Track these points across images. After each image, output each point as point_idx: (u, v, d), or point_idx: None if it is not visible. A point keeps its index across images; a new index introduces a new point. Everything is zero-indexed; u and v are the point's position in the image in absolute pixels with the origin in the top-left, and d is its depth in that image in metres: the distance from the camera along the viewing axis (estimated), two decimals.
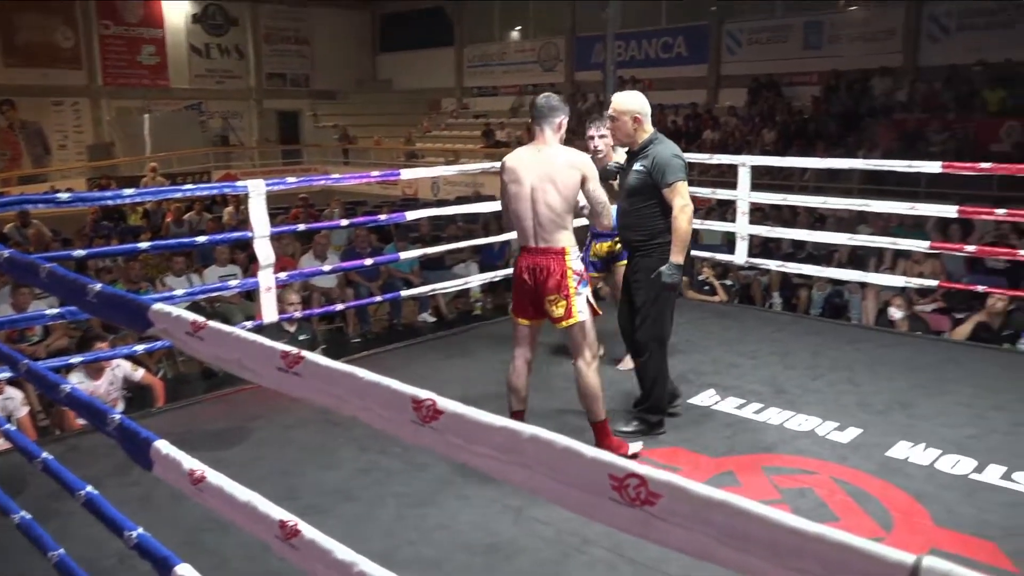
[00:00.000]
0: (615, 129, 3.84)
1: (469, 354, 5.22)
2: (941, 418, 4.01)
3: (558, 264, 3.40)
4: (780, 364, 4.90)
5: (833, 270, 6.69)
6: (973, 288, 6.15)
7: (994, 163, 5.84)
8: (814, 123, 15.04)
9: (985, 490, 3.27)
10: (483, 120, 22.24)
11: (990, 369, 4.79)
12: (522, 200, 3.41)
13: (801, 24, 17.27)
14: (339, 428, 3.85)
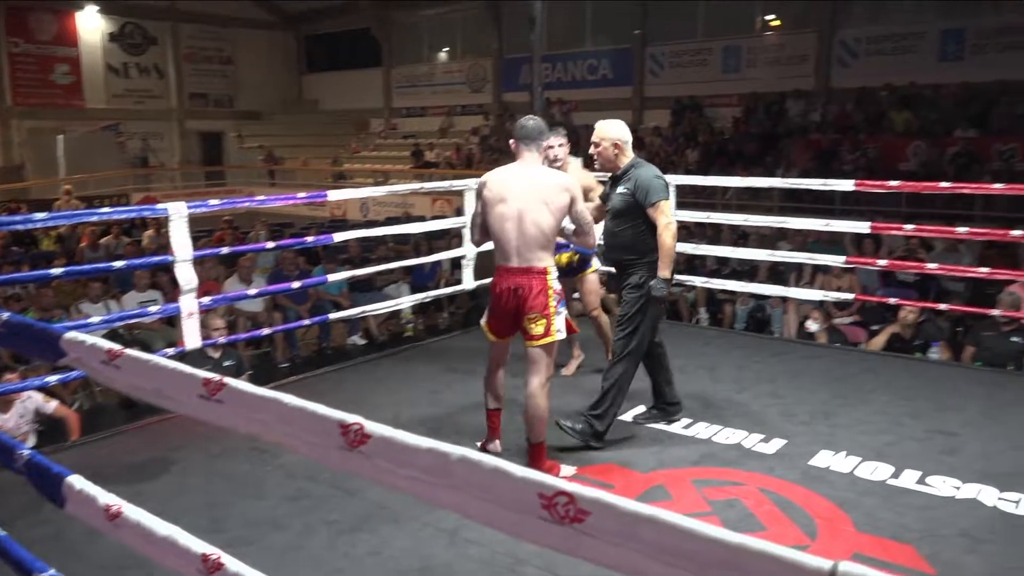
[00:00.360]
0: (597, 155, 3.98)
1: (401, 376, 5.16)
2: (860, 426, 4.16)
3: (540, 283, 3.46)
4: (708, 378, 5.01)
5: (755, 285, 6.89)
6: (886, 301, 6.43)
7: (902, 181, 6.14)
8: (735, 143, 15.52)
9: (902, 494, 3.40)
10: (412, 140, 22.21)
11: (904, 378, 5.00)
12: (508, 219, 3.44)
13: (720, 48, 17.87)
14: (267, 455, 3.75)
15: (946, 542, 3.00)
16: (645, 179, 3.83)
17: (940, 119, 13.71)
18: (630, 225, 3.88)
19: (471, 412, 4.44)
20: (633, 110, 19.20)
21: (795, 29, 16.96)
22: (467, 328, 6.75)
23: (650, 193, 3.79)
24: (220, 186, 22.69)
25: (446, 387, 4.89)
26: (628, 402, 4.48)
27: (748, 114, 16.42)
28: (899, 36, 15.54)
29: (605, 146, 3.93)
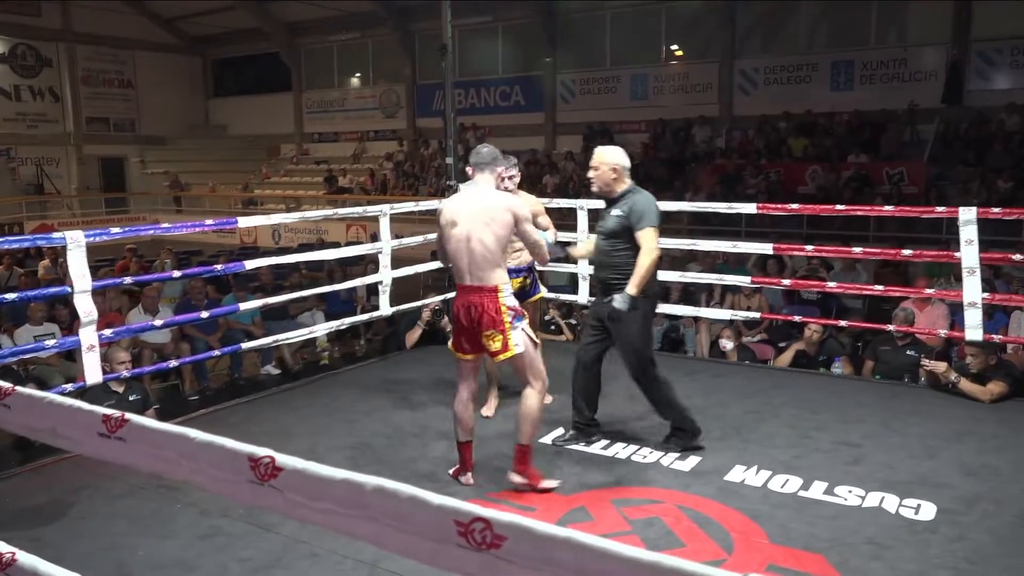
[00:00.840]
0: (596, 178, 4.12)
1: (317, 405, 5.05)
2: (771, 441, 4.30)
3: (491, 301, 3.60)
4: (626, 399, 5.07)
5: (668, 306, 7.06)
6: (791, 319, 6.68)
7: (801, 204, 6.43)
8: (644, 168, 15.95)
9: (812, 505, 3.52)
10: (325, 166, 21.94)
11: (809, 392, 5.21)
12: (458, 241, 3.64)
13: (628, 76, 18.41)
14: (176, 493, 3.59)
15: (853, 550, 3.11)
16: (641, 205, 3.99)
17: (835, 145, 14.47)
18: (622, 248, 4.03)
19: (391, 441, 4.38)
20: (546, 136, 19.53)
21: (698, 59, 17.66)
22: (385, 355, 6.67)
23: (643, 218, 3.96)
24: (122, 213, 21.84)
25: (364, 416, 4.81)
26: (546, 426, 4.50)
27: (656, 140, 16.93)
28: (794, 67, 16.39)
29: (604, 170, 4.08)
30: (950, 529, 3.27)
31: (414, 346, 6.46)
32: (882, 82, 15.31)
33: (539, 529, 0.85)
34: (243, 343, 5.95)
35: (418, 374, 5.73)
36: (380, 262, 6.11)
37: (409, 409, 4.93)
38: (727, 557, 3.06)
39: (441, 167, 17.70)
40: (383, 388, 5.42)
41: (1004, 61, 14.29)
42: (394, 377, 5.69)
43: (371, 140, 22.96)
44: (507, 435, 4.40)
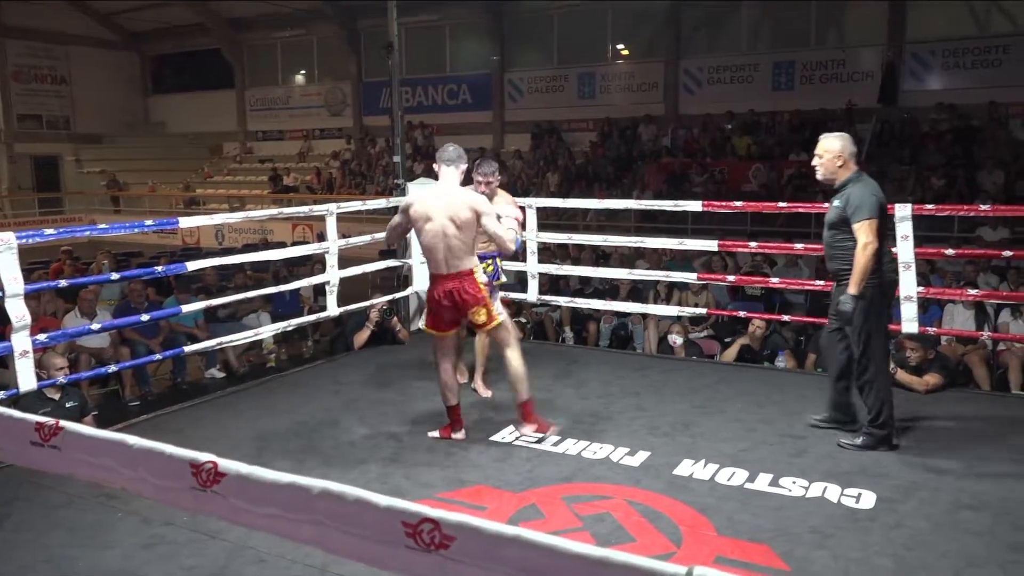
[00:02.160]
0: (820, 167, 4.11)
1: (263, 408, 4.97)
2: (718, 434, 4.38)
3: (470, 283, 4.10)
4: (575, 395, 5.12)
5: (617, 303, 7.14)
6: (736, 314, 6.82)
7: (745, 202, 6.55)
8: (592, 166, 16.08)
9: (758, 497, 3.59)
10: (269, 165, 21.60)
11: (755, 387, 5.31)
12: (434, 235, 4.06)
13: (575, 75, 18.53)
14: (116, 502, 3.49)
15: (798, 539, 3.19)
16: (860, 195, 3.95)
17: (777, 144, 14.78)
18: (843, 239, 4.02)
19: (339, 443, 4.34)
20: (494, 134, 19.53)
21: (644, 58, 17.87)
22: (333, 356, 6.60)
23: (859, 210, 3.92)
24: (57, 214, 21.17)
25: (311, 418, 4.75)
26: (487, 424, 4.51)
27: (604, 138, 17.07)
28: (737, 67, 16.70)
29: (828, 159, 4.07)
30: (889, 517, 3.38)
31: (362, 347, 6.40)
32: (821, 82, 15.71)
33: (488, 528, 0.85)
34: (186, 346, 5.82)
35: (367, 375, 5.68)
36: (327, 262, 6.04)
37: (358, 411, 4.88)
38: (676, 550, 3.10)
39: (389, 165, 17.56)
40: (331, 390, 5.36)
41: (936, 63, 14.79)
42: (342, 378, 5.63)
43: (317, 138, 22.66)
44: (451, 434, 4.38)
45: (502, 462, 4.03)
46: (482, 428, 4.50)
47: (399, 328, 6.50)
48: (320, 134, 22.70)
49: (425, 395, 5.15)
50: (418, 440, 4.34)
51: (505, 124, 19.61)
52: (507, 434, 4.40)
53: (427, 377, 5.60)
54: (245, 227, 17.65)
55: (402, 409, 4.88)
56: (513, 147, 18.33)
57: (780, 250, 7.75)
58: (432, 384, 5.39)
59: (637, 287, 8.28)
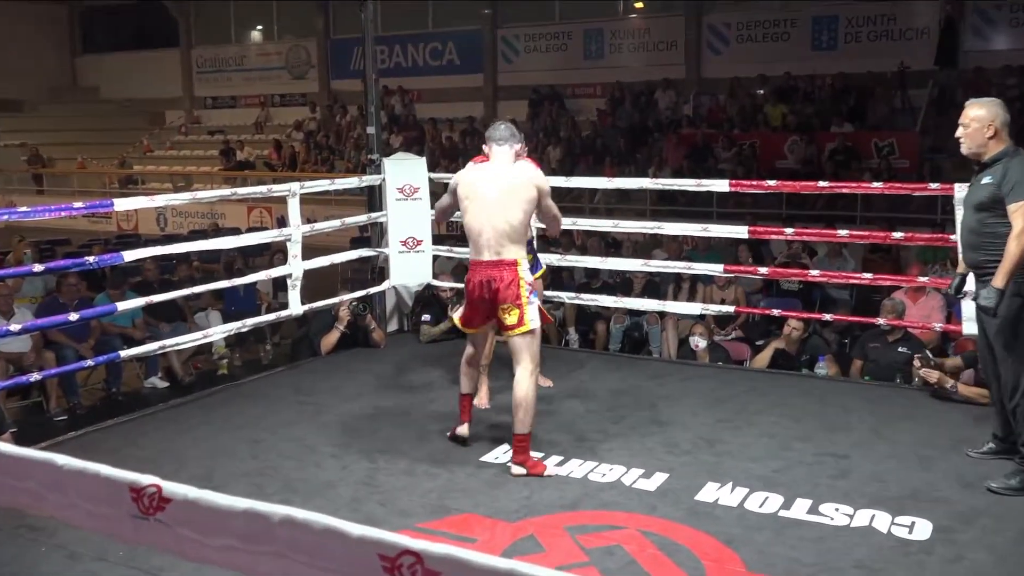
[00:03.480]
0: (965, 138, 4.02)
1: (214, 423, 4.97)
2: (747, 452, 4.39)
3: (511, 274, 4.15)
4: (580, 407, 5.13)
5: (630, 300, 7.15)
6: (769, 312, 6.83)
7: (780, 181, 6.56)
8: (601, 139, 16.09)
9: (794, 526, 3.61)
10: (220, 137, 21.54)
11: (791, 397, 5.33)
12: (480, 216, 4.18)
13: (581, 32, 18.51)
14: (39, 533, 3.49)
15: (841, 575, 3.21)
16: (1018, 171, 3.84)
17: (817, 113, 14.80)
18: (994, 222, 3.90)
19: (303, 463, 4.34)
20: (485, 101, 19.51)
21: (661, 12, 17.87)
22: (296, 363, 6.60)
23: (1016, 188, 3.80)
24: None
25: (271, 434, 4.75)
26: (478, 443, 4.51)
27: (614, 106, 17.08)
28: (770, 22, 16.70)
29: (975, 128, 3.96)
30: (947, 549, 3.40)
31: (331, 351, 6.40)
32: (869, 41, 15.73)
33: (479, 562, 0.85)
34: (122, 350, 5.81)
35: (336, 384, 5.68)
36: (289, 251, 6.03)
37: (325, 426, 4.88)
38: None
39: (361, 138, 17.50)
40: (294, 401, 5.36)
41: (1003, 18, 14.81)
42: (307, 388, 5.63)
43: (276, 106, 22.59)
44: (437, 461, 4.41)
45: (495, 487, 4.04)
46: (471, 447, 4.50)
47: (374, 328, 6.51)
48: (280, 101, 22.63)
49: (404, 408, 5.16)
50: (395, 461, 4.34)
51: (498, 89, 19.59)
52: (500, 454, 4.40)
53: (406, 387, 5.61)
54: (192, 210, 17.59)
55: (377, 424, 4.88)
56: (507, 116, 18.26)
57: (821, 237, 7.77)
58: (413, 396, 5.40)
59: (653, 281, 8.29)
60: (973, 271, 4.14)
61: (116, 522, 1.12)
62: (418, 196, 6.64)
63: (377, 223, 6.87)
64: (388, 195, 6.62)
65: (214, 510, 1.03)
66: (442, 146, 17.54)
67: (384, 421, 4.94)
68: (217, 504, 1.03)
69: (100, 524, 1.15)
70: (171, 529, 1.06)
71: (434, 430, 4.76)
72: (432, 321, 6.63)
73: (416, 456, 4.39)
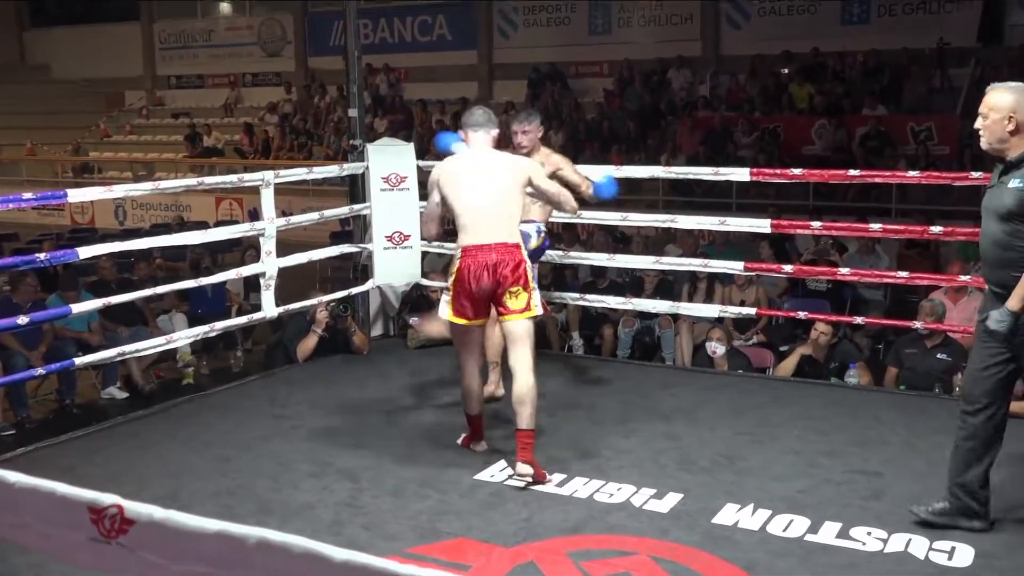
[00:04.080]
0: (984, 130, 3.70)
1: (179, 439, 4.98)
2: (770, 471, 4.41)
3: (518, 256, 4.36)
4: (585, 420, 5.14)
5: (640, 301, 7.15)
6: (794, 315, 6.83)
7: (807, 169, 6.57)
8: (608, 122, 16.10)
9: (821, 552, 3.62)
10: (185, 120, 21.53)
11: (818, 408, 5.34)
12: (477, 199, 4.36)
13: (586, 4, 18.51)
14: None
15: None
16: None
17: (847, 94, 14.82)
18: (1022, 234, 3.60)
19: (278, 483, 4.35)
20: (479, 80, 19.52)
21: None
22: (270, 371, 6.60)
23: None
24: None
25: (243, 450, 4.76)
26: (472, 458, 4.53)
27: (622, 86, 17.09)
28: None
29: (994, 119, 3.64)
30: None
31: (308, 358, 6.41)
32: (905, 14, 15.74)
33: None
34: (76, 358, 5.81)
35: (315, 395, 5.69)
36: (262, 247, 6.03)
37: (303, 441, 4.89)
38: None
39: (342, 122, 17.48)
40: (268, 414, 5.37)
41: None
42: (283, 399, 5.63)
43: (248, 86, 22.57)
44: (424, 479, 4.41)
45: (491, 508, 4.04)
46: (465, 462, 4.51)
47: (354, 332, 6.50)
48: (252, 80, 22.61)
49: (390, 422, 5.17)
50: (381, 480, 4.35)
51: (494, 68, 19.59)
52: (497, 471, 4.41)
53: (392, 398, 5.61)
54: (154, 202, 17.59)
55: (360, 439, 4.89)
56: (504, 97, 18.30)
57: (852, 232, 7.78)
58: (400, 409, 5.41)
59: (666, 280, 8.31)
60: (993, 291, 3.77)
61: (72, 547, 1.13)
62: (405, 186, 6.64)
63: (360, 216, 6.88)
64: (372, 185, 6.62)
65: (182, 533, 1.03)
66: (432, 130, 17.51)
67: (368, 436, 4.94)
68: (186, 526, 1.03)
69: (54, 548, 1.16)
70: (134, 554, 1.06)
71: (424, 446, 4.77)
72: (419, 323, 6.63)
73: (404, 475, 4.39)
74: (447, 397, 5.39)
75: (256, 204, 6.45)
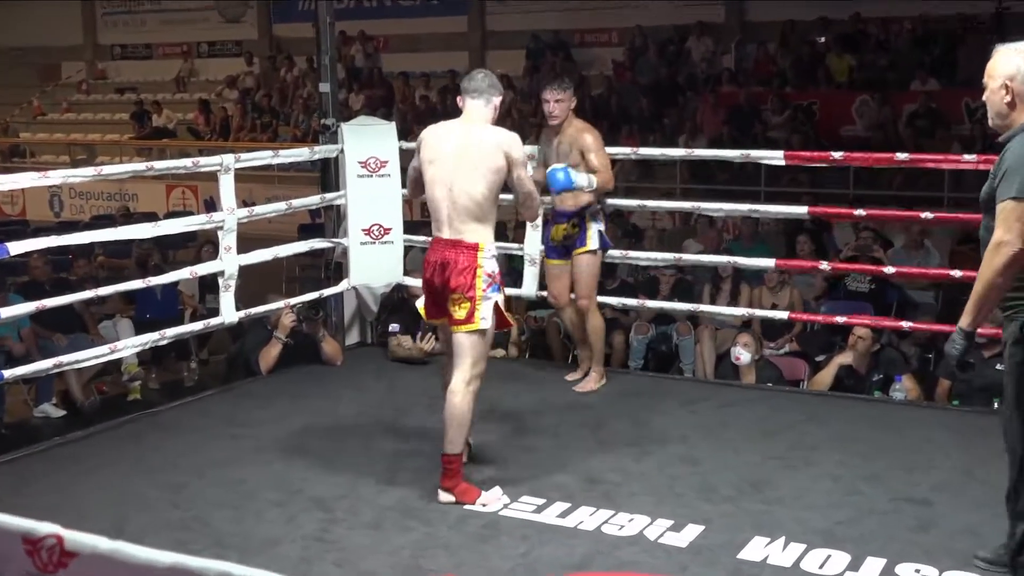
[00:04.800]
0: (986, 101, 3.58)
1: (126, 463, 4.98)
2: (804, 499, 4.41)
3: (467, 259, 4.31)
4: (592, 440, 5.14)
5: (655, 303, 7.16)
6: (832, 320, 6.84)
7: (847, 152, 6.57)
8: (618, 98, 16.09)
9: None
10: (131, 96, 21.52)
11: (859, 427, 5.35)
12: (439, 184, 4.36)
13: None
14: None
15: None
16: (1017, 157, 3.39)
17: (892, 66, 14.82)
18: None
19: (239, 513, 4.35)
20: (470, 51, 19.50)
21: None
22: (229, 385, 6.60)
23: (1008, 180, 3.38)
24: None
25: (198, 476, 4.76)
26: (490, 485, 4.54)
27: (634, 57, 17.08)
28: None
29: (992, 88, 3.50)
30: None
31: (272, 369, 6.40)
32: None
33: None
34: (5, 370, 5.82)
35: (280, 412, 5.69)
36: (220, 242, 6.03)
37: (267, 465, 4.89)
38: None
39: (312, 98, 17.49)
40: (226, 435, 5.38)
41: None
42: (243, 418, 5.63)
43: (203, 56, 22.57)
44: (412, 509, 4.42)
45: (483, 541, 4.05)
46: None
47: (323, 337, 6.47)
48: (208, 51, 22.60)
49: (368, 444, 5.16)
50: (357, 510, 4.35)
51: (487, 36, 19.57)
52: (492, 498, 4.41)
53: (370, 416, 5.61)
54: (95, 190, 17.57)
55: (333, 463, 4.89)
56: (499, 70, 18.13)
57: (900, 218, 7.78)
58: (379, 428, 5.41)
59: (685, 279, 8.32)
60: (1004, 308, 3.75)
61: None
62: (385, 172, 6.64)
63: (333, 207, 6.88)
64: (347, 171, 6.62)
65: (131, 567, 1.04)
66: (416, 108, 17.56)
67: (342, 459, 4.94)
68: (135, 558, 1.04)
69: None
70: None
71: (407, 469, 4.76)
72: (401, 330, 6.62)
73: (383, 503, 4.40)
74: (433, 414, 5.38)
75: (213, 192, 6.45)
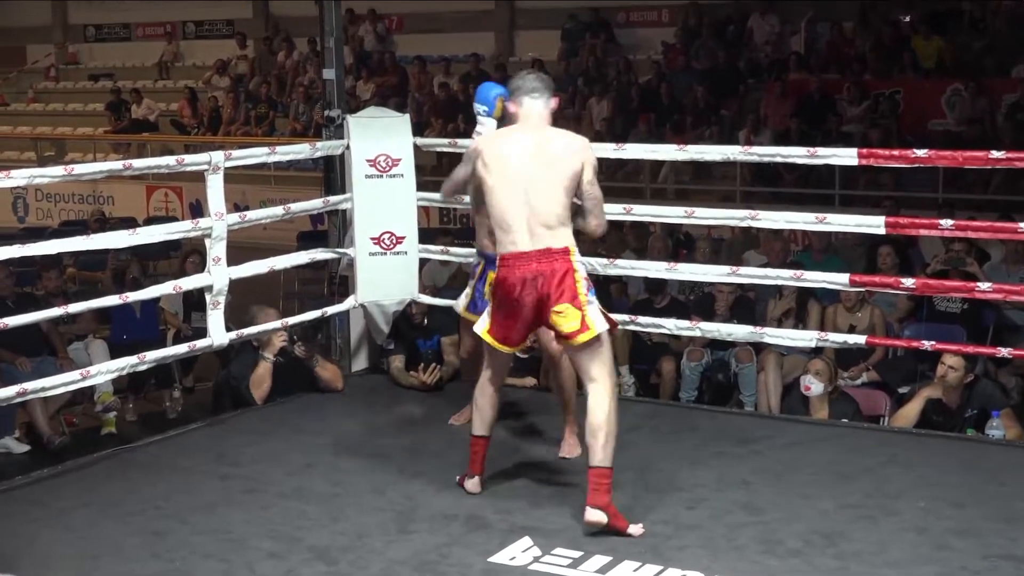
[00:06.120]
0: None
1: (99, 505, 5.00)
2: (884, 554, 4.37)
3: (563, 264, 4.53)
4: (637, 485, 5.12)
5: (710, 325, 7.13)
6: (918, 345, 6.78)
7: (935, 150, 6.53)
8: (668, 86, 16.07)
9: None
10: (107, 83, 21.68)
11: (949, 471, 5.30)
12: (512, 193, 4.54)
13: None
14: None
15: None
16: None
17: (988, 50, 14.73)
18: None
19: (230, 565, 4.35)
20: (497, 32, 19.54)
21: None
22: (216, 417, 6.62)
23: None
24: None
25: (181, 522, 4.77)
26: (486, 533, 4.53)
27: (688, 40, 17.06)
28: None
29: None
30: None
31: (267, 398, 6.40)
32: None
33: None
34: None
35: (275, 448, 5.71)
36: (208, 252, 6.06)
37: (261, 509, 4.90)
38: None
39: (314, 86, 17.49)
40: (214, 474, 5.39)
41: None
42: (233, 455, 5.64)
43: (190, 38, 22.70)
44: None
45: None
46: (475, 540, 4.51)
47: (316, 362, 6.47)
48: (196, 32, 22.74)
49: (375, 484, 5.16)
50: (364, 562, 4.35)
51: (516, 15, 19.60)
52: (519, 551, 4.40)
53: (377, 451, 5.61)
54: (65, 192, 17.69)
55: (336, 508, 4.90)
56: (530, 53, 18.31)
57: (995, 233, 7.73)
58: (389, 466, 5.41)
59: (746, 298, 8.29)
60: None
61: None
62: (398, 172, 6.65)
63: (338, 212, 6.90)
64: (354, 170, 6.63)
65: None
66: (434, 97, 17.60)
67: (347, 503, 4.95)
68: None
69: None
70: None
71: (421, 517, 4.76)
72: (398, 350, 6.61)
73: (394, 556, 4.39)
74: (451, 451, 5.39)
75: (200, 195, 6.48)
